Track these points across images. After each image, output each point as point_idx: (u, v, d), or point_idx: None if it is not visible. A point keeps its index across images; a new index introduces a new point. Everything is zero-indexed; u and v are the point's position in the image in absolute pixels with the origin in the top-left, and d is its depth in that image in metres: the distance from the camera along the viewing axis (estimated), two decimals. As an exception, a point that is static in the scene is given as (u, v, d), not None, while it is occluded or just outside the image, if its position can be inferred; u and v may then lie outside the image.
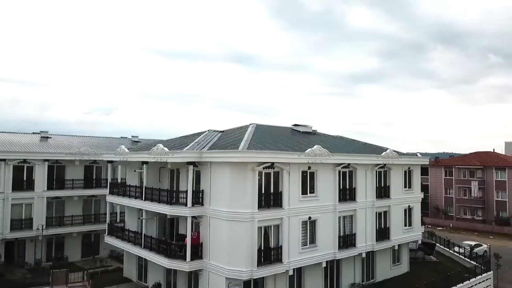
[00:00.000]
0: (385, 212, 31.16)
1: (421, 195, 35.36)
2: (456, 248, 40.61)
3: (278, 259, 23.71)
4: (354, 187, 28.80)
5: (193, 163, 24.13)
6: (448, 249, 41.07)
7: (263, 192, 23.38)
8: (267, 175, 23.72)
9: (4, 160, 32.96)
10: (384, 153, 30.76)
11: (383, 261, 31.83)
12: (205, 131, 31.15)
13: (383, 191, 31.03)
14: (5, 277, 31.00)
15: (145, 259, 29.31)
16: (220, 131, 31.47)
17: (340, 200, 27.51)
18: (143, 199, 27.28)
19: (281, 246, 23.88)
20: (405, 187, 33.21)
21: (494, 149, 71.73)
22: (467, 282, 31.23)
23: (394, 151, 32.02)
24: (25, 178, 34.17)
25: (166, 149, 25.08)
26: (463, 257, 38.52)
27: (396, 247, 32.24)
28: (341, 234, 27.64)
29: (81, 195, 36.97)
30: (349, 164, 27.98)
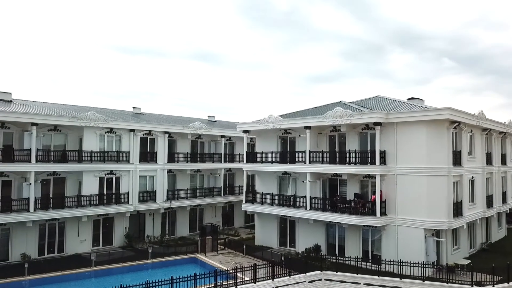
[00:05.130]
0: (503, 178, 33.71)
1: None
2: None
3: (460, 213, 25.44)
4: (490, 152, 31.06)
5: (380, 124, 25.28)
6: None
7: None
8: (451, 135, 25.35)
9: (133, 130, 32.41)
10: (507, 121, 33.22)
11: (493, 224, 34.31)
12: (339, 101, 32.27)
13: (502, 158, 33.56)
14: (137, 248, 30.40)
15: (290, 225, 30.26)
16: (350, 102, 32.70)
17: (486, 163, 29.69)
18: (307, 162, 28.07)
19: (461, 201, 25.63)
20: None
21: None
22: None
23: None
24: (148, 150, 33.70)
25: (349, 111, 26.07)
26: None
27: (508, 211, 34.95)
28: (486, 195, 29.80)
29: (192, 168, 36.84)
30: (490, 129, 30.15)
